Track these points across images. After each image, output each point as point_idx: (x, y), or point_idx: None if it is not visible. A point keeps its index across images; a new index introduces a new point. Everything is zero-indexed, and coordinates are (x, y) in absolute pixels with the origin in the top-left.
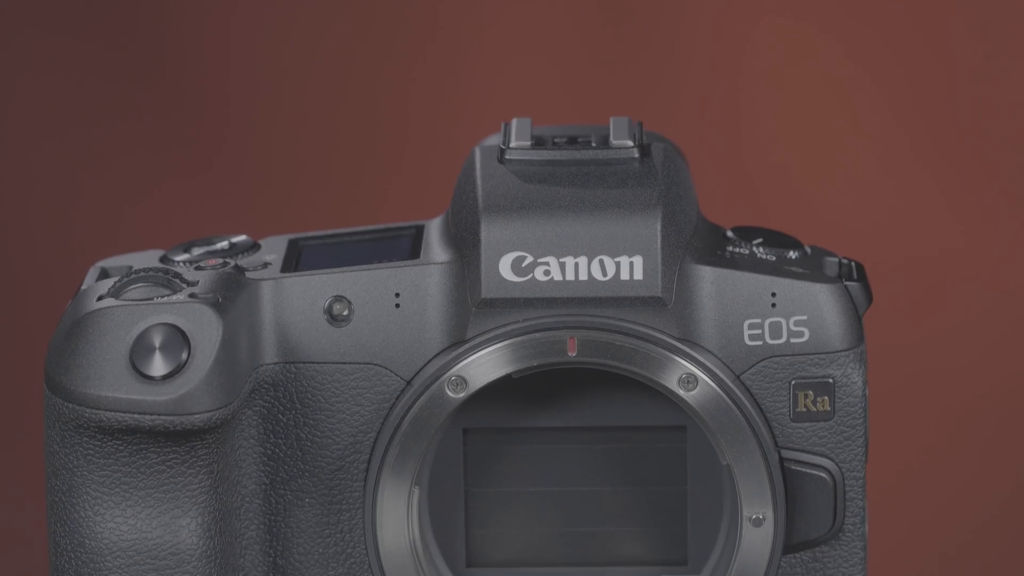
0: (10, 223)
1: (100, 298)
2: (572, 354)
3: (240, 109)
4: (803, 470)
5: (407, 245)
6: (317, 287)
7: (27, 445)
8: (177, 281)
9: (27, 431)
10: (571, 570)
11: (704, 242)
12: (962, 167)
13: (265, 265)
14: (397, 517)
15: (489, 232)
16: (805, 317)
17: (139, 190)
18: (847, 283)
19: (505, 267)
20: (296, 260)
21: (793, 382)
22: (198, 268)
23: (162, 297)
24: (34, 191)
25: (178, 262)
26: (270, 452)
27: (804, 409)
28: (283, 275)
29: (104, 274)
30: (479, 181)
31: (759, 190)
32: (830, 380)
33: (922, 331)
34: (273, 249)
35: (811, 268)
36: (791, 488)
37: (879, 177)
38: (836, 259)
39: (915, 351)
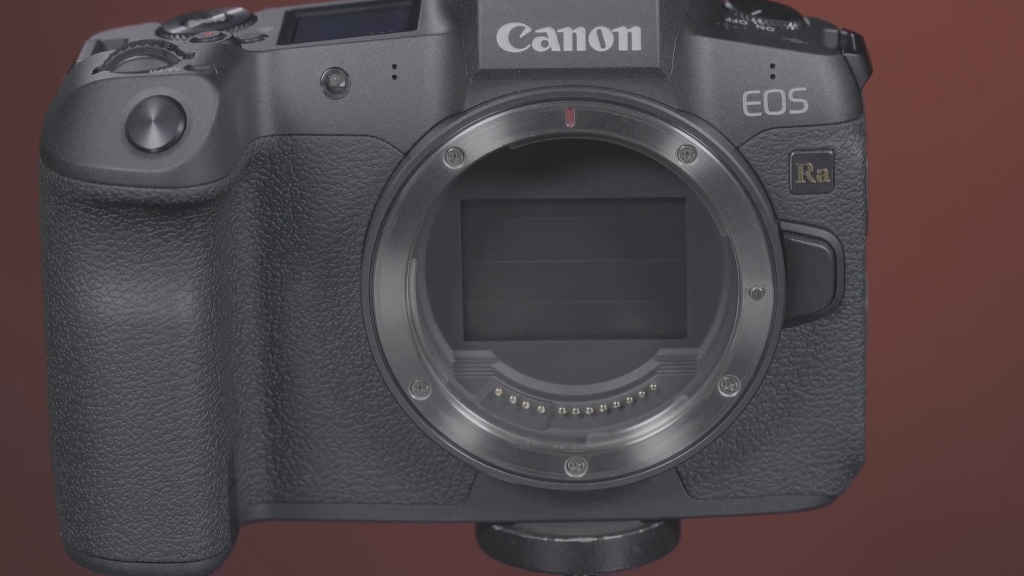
0: None
1: (96, 71)
2: (570, 125)
3: None
4: (803, 242)
5: (404, 16)
6: (314, 59)
7: (23, 220)
8: (173, 53)
9: (23, 205)
10: (570, 343)
11: (702, 13)
12: None
13: (262, 37)
14: (394, 290)
15: (486, 2)
16: (804, 88)
17: None
18: (846, 54)
19: (503, 38)
20: (293, 32)
21: (792, 154)
22: (194, 40)
23: (158, 69)
24: None
25: (174, 35)
26: (266, 225)
27: (804, 181)
28: (280, 47)
29: (100, 47)
30: None
31: None
32: (830, 152)
33: (922, 106)
34: (270, 21)
35: (810, 39)
36: (791, 261)
37: None
38: (835, 31)
39: (915, 125)
